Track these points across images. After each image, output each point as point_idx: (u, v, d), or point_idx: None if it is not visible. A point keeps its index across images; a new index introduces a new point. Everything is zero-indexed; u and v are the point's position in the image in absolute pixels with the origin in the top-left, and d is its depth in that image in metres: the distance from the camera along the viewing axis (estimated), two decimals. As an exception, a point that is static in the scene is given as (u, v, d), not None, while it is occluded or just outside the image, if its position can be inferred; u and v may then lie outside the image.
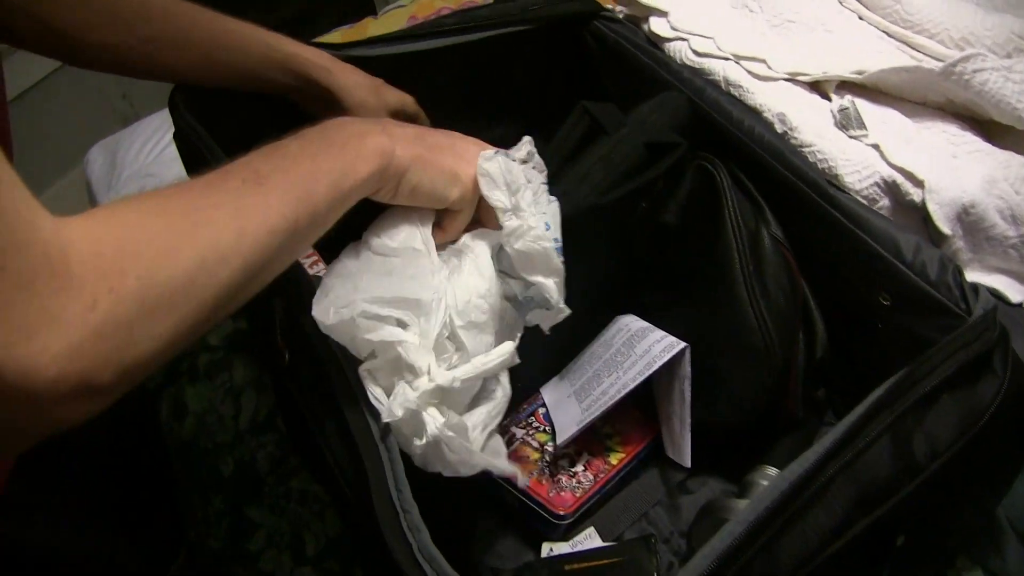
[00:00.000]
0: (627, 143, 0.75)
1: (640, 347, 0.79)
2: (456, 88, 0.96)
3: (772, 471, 0.77)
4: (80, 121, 2.33)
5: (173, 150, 1.51)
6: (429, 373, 0.56)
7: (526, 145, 0.66)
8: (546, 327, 0.66)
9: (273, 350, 0.69)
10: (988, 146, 0.84)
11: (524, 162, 0.65)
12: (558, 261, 0.63)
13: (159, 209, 0.45)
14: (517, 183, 0.63)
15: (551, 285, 0.63)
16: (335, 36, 1.73)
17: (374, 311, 0.55)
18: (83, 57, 0.75)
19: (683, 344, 0.75)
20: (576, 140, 0.77)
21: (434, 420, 0.54)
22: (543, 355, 0.86)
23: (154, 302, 0.41)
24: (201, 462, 0.94)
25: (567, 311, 0.65)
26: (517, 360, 0.61)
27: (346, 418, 0.52)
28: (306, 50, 0.84)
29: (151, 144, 1.52)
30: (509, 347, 0.60)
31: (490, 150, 0.64)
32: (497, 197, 0.62)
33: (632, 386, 0.76)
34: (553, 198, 0.65)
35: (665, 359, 0.75)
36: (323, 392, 0.55)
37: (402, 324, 0.56)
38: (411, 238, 0.62)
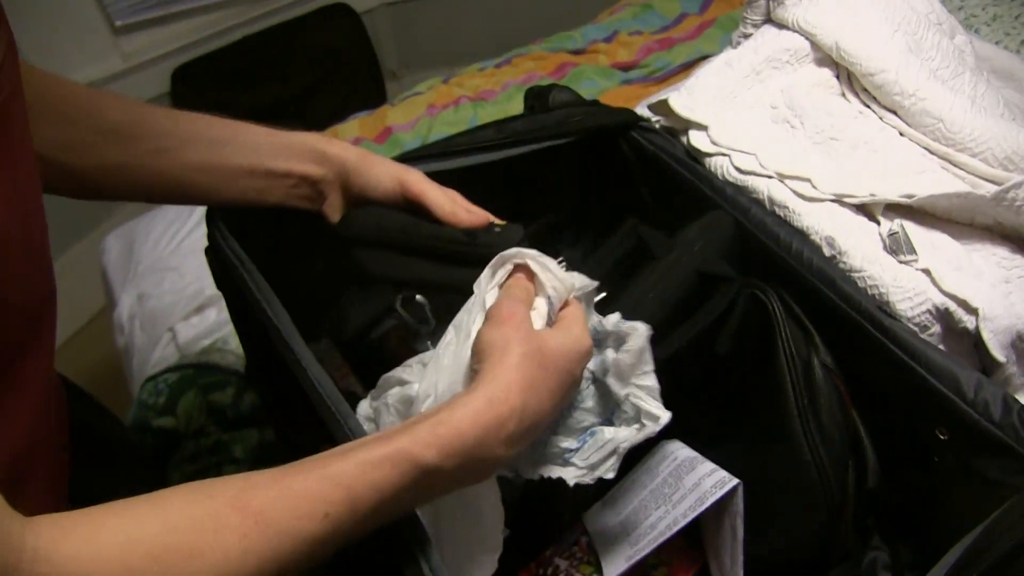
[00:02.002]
0: (678, 271, 0.74)
1: (689, 479, 0.76)
2: (493, 197, 0.95)
3: (824, 607, 0.75)
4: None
5: (192, 241, 1.51)
6: None
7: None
8: None
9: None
10: (1039, 270, 0.82)
11: None
12: None
13: (154, 548, 0.42)
14: None
15: None
16: (352, 124, 1.73)
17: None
18: (89, 185, 0.73)
19: (736, 481, 0.73)
20: (622, 254, 0.75)
21: None
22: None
23: None
24: None
25: None
26: None
27: None
28: (329, 141, 0.80)
29: (169, 234, 1.50)
30: None
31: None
32: None
33: (683, 523, 0.73)
34: None
35: (717, 496, 0.72)
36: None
37: None
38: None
